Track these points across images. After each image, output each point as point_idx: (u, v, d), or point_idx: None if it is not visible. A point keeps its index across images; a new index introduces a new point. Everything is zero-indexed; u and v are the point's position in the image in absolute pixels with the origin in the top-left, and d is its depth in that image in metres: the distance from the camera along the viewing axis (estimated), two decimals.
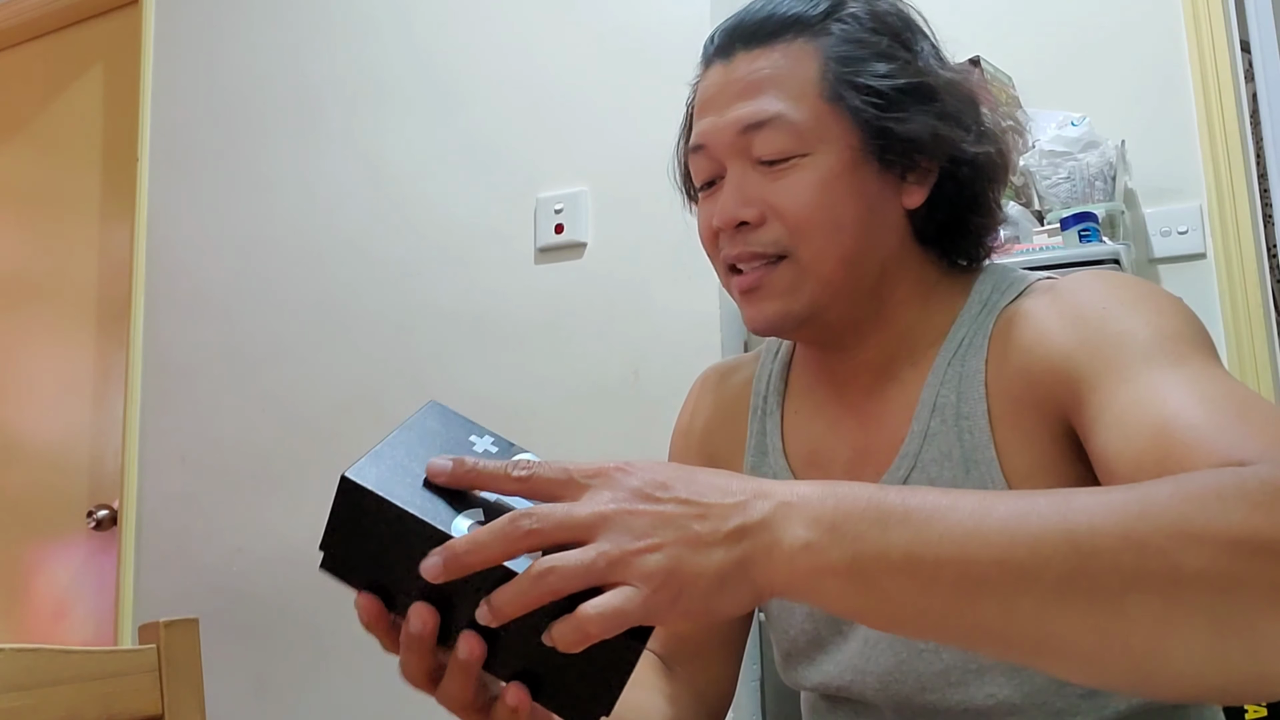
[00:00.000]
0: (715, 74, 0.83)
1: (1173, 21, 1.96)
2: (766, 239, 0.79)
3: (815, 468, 0.87)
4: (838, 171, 0.79)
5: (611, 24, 1.87)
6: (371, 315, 2.03)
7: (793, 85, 0.79)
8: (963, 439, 0.78)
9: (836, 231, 0.78)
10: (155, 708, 0.88)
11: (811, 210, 0.78)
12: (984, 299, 0.82)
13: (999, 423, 0.76)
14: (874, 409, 0.84)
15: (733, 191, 0.80)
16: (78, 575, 2.48)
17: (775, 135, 0.78)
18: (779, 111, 0.78)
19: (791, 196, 0.78)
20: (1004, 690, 0.75)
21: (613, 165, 1.84)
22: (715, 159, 0.82)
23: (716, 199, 0.82)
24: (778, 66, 0.80)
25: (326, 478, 2.39)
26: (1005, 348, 0.78)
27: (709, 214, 0.83)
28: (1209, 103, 1.90)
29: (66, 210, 2.68)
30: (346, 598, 0.57)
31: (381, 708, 1.90)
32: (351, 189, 2.10)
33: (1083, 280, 0.78)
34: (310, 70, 2.19)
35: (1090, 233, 1.65)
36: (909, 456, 0.80)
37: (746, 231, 0.80)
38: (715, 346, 1.70)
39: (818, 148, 0.78)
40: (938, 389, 0.80)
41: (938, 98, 0.80)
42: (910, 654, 0.77)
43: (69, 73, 2.74)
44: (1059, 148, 1.83)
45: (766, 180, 0.79)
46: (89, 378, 2.55)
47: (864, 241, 0.80)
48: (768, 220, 0.79)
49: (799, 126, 0.78)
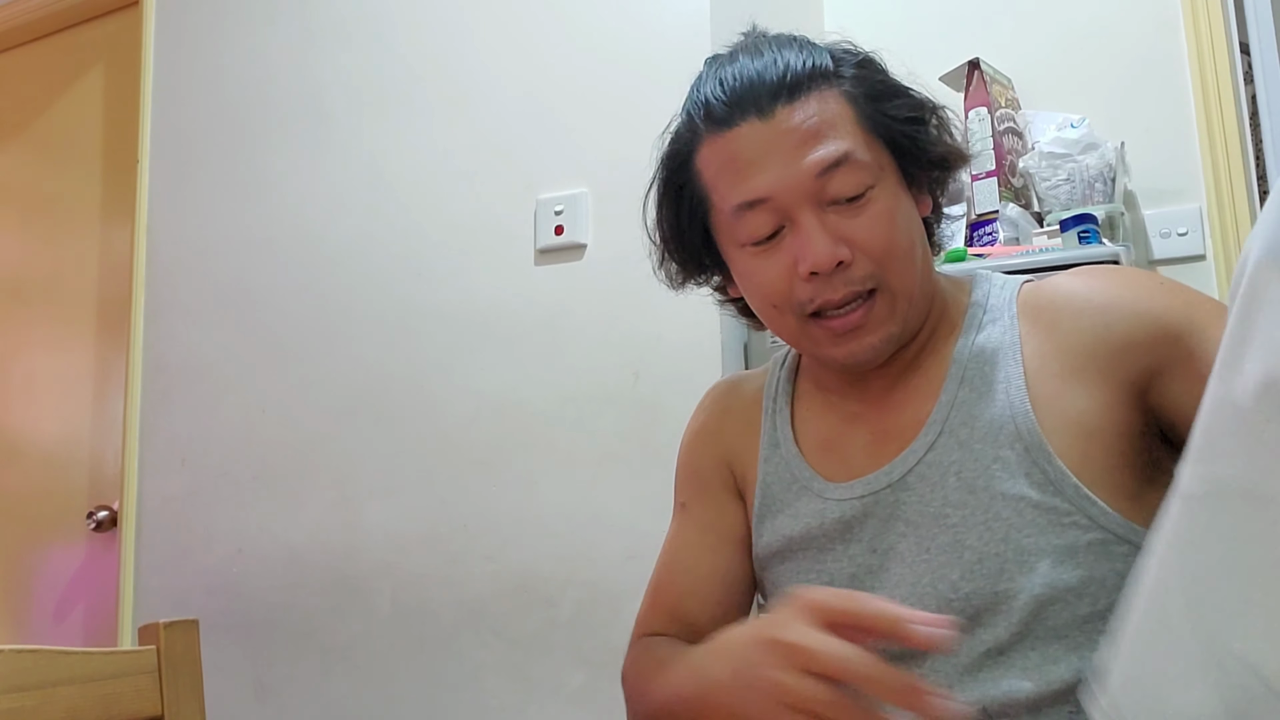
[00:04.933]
0: (754, 130, 0.83)
1: (1172, 23, 1.96)
2: (859, 275, 0.83)
3: (830, 453, 0.92)
4: (898, 196, 0.85)
5: (612, 26, 1.87)
6: (371, 316, 2.03)
7: (845, 126, 0.83)
8: (995, 400, 0.83)
9: (911, 253, 0.85)
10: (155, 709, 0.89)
11: (892, 239, 0.83)
12: (986, 293, 0.90)
13: (1036, 381, 0.82)
14: (895, 398, 0.89)
15: (819, 235, 0.82)
16: (78, 576, 2.48)
17: (851, 172, 0.82)
18: (848, 149, 0.82)
19: (874, 231, 0.82)
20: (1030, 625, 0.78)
21: (613, 167, 1.84)
22: (781, 209, 0.83)
23: (780, 249, 0.84)
24: (826, 111, 0.83)
25: (327, 479, 2.40)
26: (1050, 319, 0.84)
27: (781, 265, 0.84)
28: (1208, 105, 1.90)
29: (67, 212, 2.69)
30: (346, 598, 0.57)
31: (381, 708, 1.90)
32: (351, 190, 2.10)
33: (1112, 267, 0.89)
34: (310, 72, 2.19)
35: (1090, 234, 1.65)
36: (936, 424, 0.85)
37: (842, 271, 0.82)
38: (715, 348, 1.70)
39: (880, 177, 0.84)
40: (965, 365, 0.86)
41: (933, 115, 0.88)
42: (939, 605, 0.80)
43: (69, 74, 2.74)
44: (1058, 149, 1.84)
45: (844, 219, 0.82)
46: (89, 379, 2.55)
47: (923, 256, 0.87)
48: (856, 257, 0.82)
49: (865, 161, 0.83)
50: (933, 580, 0.81)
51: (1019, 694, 0.77)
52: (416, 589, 1.89)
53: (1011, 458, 0.81)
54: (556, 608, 1.76)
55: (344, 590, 1.96)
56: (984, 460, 0.82)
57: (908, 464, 0.85)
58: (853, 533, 0.87)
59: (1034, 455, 0.80)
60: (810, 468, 0.92)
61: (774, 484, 0.94)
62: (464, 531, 1.87)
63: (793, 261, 0.83)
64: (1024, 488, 0.79)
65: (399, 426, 1.96)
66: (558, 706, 1.74)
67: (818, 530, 0.88)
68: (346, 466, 2.01)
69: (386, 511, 1.94)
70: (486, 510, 1.85)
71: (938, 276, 0.91)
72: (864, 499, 0.87)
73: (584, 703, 1.70)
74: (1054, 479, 0.79)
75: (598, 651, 1.70)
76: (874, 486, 0.87)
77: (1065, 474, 0.79)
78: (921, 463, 0.85)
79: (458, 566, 1.85)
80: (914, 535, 0.83)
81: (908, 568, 0.83)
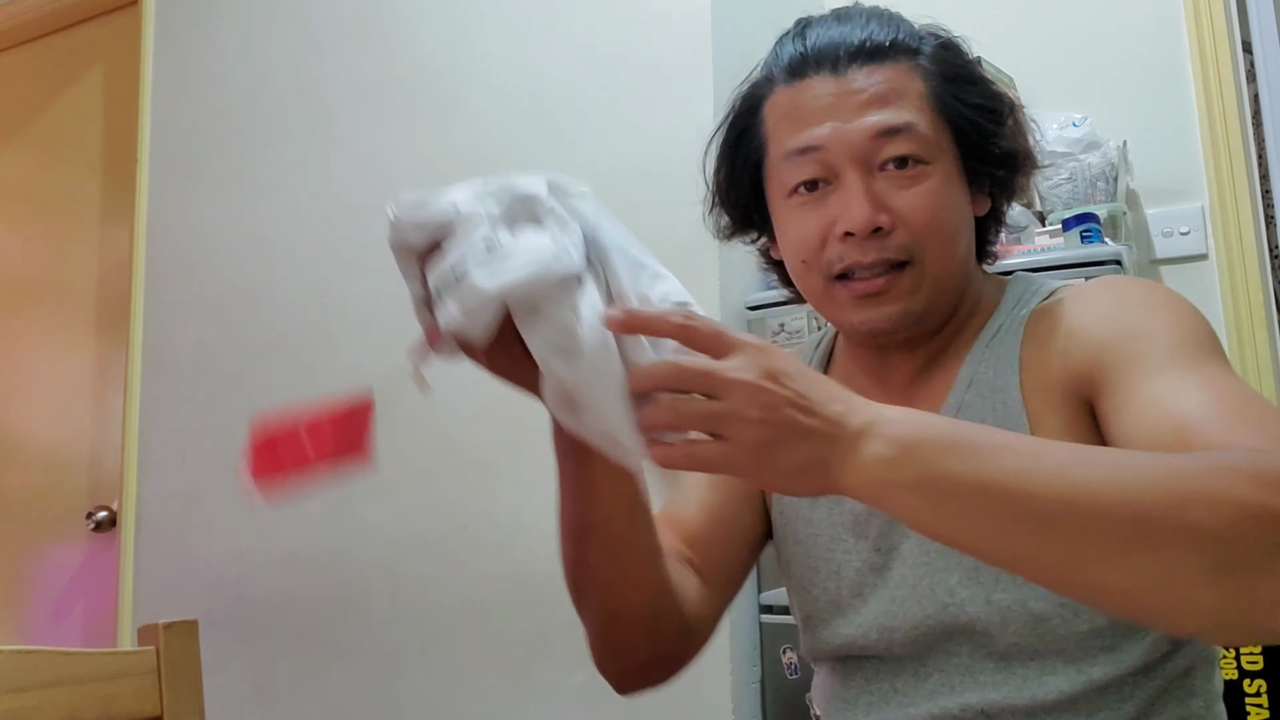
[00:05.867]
0: (824, 84, 0.84)
1: (1174, 22, 1.96)
2: (895, 244, 0.82)
3: None
4: (952, 182, 0.85)
5: (612, 27, 1.87)
6: (371, 315, 2.03)
7: (914, 99, 0.84)
8: (995, 409, 0.83)
9: (953, 239, 0.85)
10: (155, 709, 0.88)
11: (937, 218, 0.83)
12: (1017, 297, 0.89)
13: (1030, 395, 0.82)
14: (913, 392, 0.89)
15: (862, 197, 0.82)
16: (77, 576, 2.48)
17: (908, 142, 0.82)
18: (911, 121, 0.83)
19: (920, 204, 0.82)
20: (1027, 639, 0.78)
21: (613, 167, 1.83)
22: (831, 164, 0.84)
23: (822, 205, 0.84)
24: (898, 81, 0.84)
25: None
26: (1042, 335, 0.84)
27: (820, 221, 0.84)
28: (1210, 103, 1.90)
29: (66, 211, 2.68)
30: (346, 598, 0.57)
31: (381, 708, 1.89)
32: (351, 190, 2.10)
33: (1112, 282, 0.86)
34: (310, 71, 2.19)
35: (1092, 234, 1.65)
36: None
37: (878, 238, 0.82)
38: None
39: (938, 158, 0.84)
40: (975, 368, 0.86)
41: (1009, 116, 0.87)
42: (936, 608, 0.81)
43: (69, 74, 2.74)
44: (1061, 148, 1.83)
45: (893, 188, 0.83)
46: (89, 379, 2.55)
47: (965, 248, 0.87)
48: (896, 227, 0.82)
49: (926, 137, 0.83)
50: (931, 583, 0.81)
51: (1018, 700, 0.77)
52: (416, 589, 1.88)
53: None
54: (556, 608, 1.75)
55: (344, 590, 1.95)
56: None
57: None
58: (861, 528, 0.87)
59: None
60: None
61: None
62: (464, 531, 1.87)
63: (831, 220, 0.83)
64: None
65: (399, 426, 1.96)
66: (558, 706, 1.73)
67: (837, 518, 0.89)
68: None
69: (386, 511, 1.94)
70: (486, 510, 1.85)
71: (979, 273, 0.91)
72: None
73: (584, 703, 1.70)
74: None
75: None
76: None
77: None
78: None
79: (458, 566, 1.85)
80: (916, 537, 0.83)
81: (909, 569, 0.83)
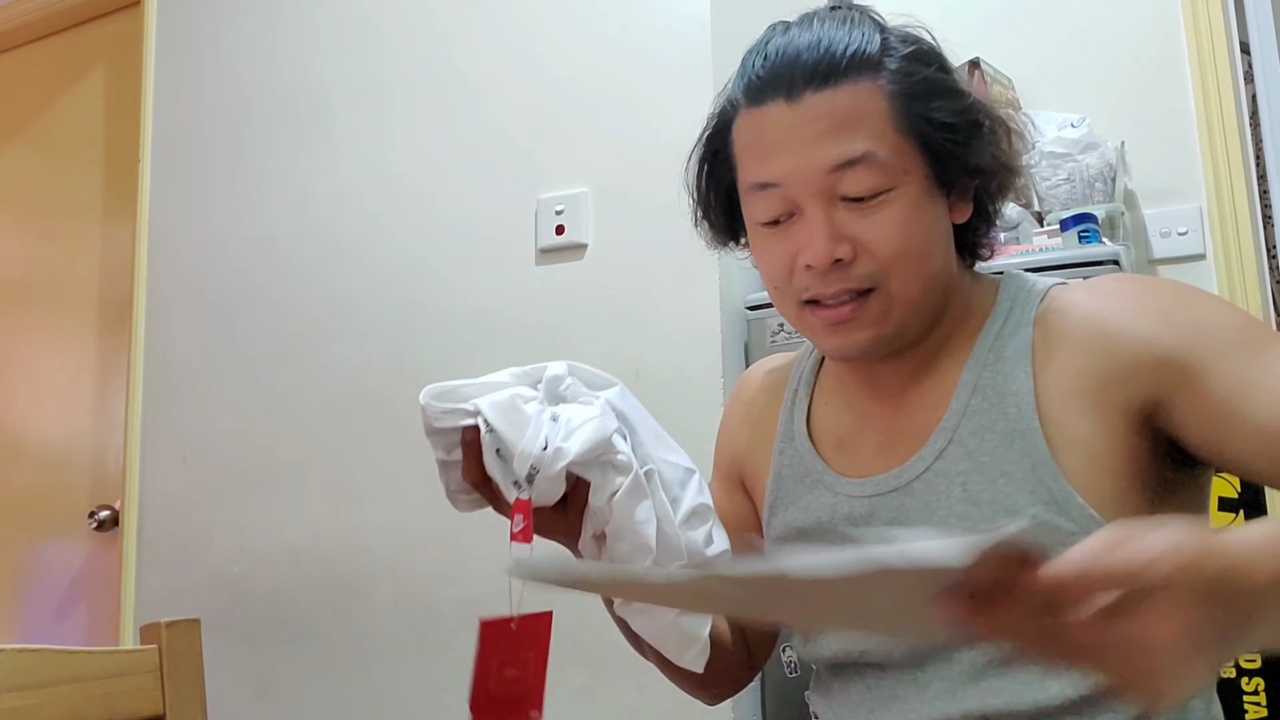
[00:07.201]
0: (780, 113, 0.82)
1: (1172, 23, 1.96)
2: (859, 274, 0.81)
3: (844, 452, 0.92)
4: (919, 202, 0.82)
5: (613, 25, 1.87)
6: (372, 315, 2.03)
7: (873, 123, 0.81)
8: (1007, 413, 0.82)
9: (923, 260, 0.83)
10: (157, 708, 0.89)
11: (901, 244, 0.81)
12: (1013, 297, 0.88)
13: (1048, 400, 0.81)
14: (907, 399, 0.89)
15: (823, 230, 0.81)
16: (79, 576, 2.48)
17: (866, 173, 0.80)
18: (868, 150, 0.80)
19: (883, 233, 0.81)
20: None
21: (614, 166, 1.84)
22: (790, 198, 0.83)
23: (787, 235, 0.84)
24: (854, 104, 0.81)
25: (326, 478, 2.39)
26: (1060, 336, 0.82)
27: (785, 251, 0.84)
28: (1209, 104, 1.90)
29: (68, 211, 2.69)
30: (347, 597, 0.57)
31: (382, 708, 1.90)
32: (352, 189, 2.10)
33: (1129, 279, 0.86)
34: (311, 70, 2.19)
35: (1090, 234, 1.65)
36: (946, 432, 0.84)
37: (840, 268, 0.81)
38: (716, 348, 1.70)
39: (902, 181, 0.81)
40: (979, 373, 0.85)
41: (986, 122, 0.85)
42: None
43: (70, 74, 2.74)
44: (1059, 149, 1.84)
45: (855, 217, 0.81)
46: (90, 379, 2.56)
47: (939, 264, 0.84)
48: (859, 256, 0.81)
49: (886, 163, 0.80)
50: None
51: (1021, 705, 0.77)
52: (417, 587, 1.89)
53: (1018, 473, 0.80)
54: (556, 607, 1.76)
55: (345, 589, 1.96)
56: (990, 474, 0.82)
57: (915, 470, 0.86)
58: (858, 531, 0.87)
59: (1040, 473, 0.80)
60: (823, 461, 0.93)
61: (787, 476, 0.96)
62: (464, 530, 1.87)
63: (796, 250, 0.83)
64: (1030, 505, 0.79)
65: (400, 425, 1.96)
66: (558, 706, 1.73)
67: (828, 524, 0.89)
68: (348, 465, 2.01)
69: (388, 510, 1.94)
70: (487, 509, 1.85)
71: (963, 276, 0.90)
72: (871, 499, 0.88)
73: (584, 703, 1.70)
74: (1060, 499, 0.79)
75: (598, 651, 1.71)
76: (882, 488, 0.87)
77: (1072, 495, 0.78)
78: (929, 470, 0.85)
79: (458, 565, 1.85)
80: None
81: None
